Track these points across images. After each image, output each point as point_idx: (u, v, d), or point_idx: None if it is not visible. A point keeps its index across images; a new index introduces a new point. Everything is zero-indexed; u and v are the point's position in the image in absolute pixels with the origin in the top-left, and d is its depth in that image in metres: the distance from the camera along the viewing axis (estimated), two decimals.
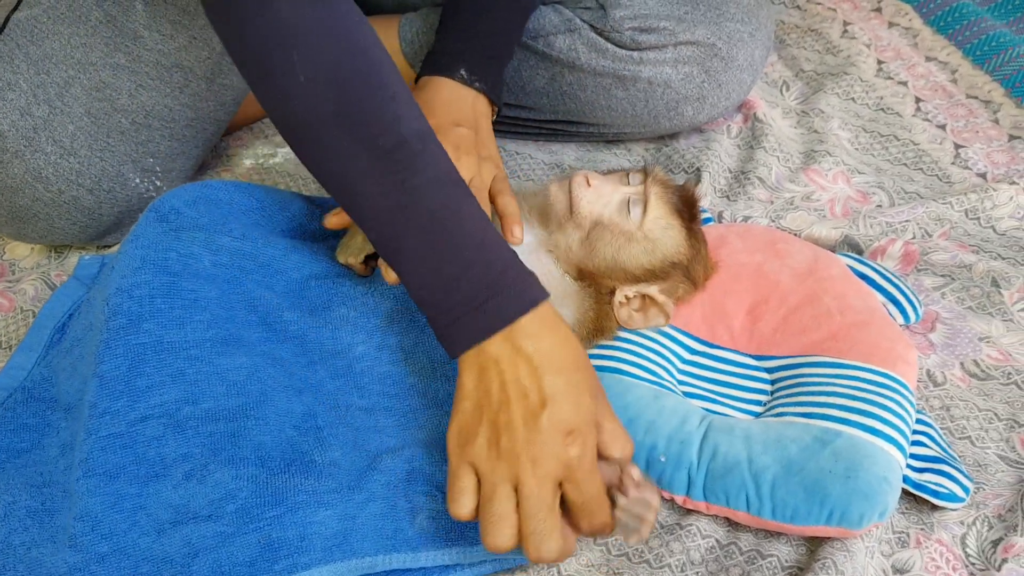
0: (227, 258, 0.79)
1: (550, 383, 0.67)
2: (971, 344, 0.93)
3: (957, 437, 0.86)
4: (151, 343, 0.74)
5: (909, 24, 1.33)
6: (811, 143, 1.15)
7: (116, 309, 0.75)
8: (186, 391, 0.73)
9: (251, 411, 0.74)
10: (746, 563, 0.77)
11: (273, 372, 0.77)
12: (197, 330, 0.75)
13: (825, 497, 0.75)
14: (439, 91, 0.93)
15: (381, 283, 0.83)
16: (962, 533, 0.78)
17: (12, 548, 0.72)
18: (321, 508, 0.72)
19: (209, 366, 0.74)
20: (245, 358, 0.76)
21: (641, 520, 0.70)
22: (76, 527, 0.70)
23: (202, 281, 0.78)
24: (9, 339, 0.96)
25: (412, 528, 0.74)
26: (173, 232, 0.79)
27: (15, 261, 1.03)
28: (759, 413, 0.84)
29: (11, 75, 0.89)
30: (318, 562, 0.69)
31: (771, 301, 0.89)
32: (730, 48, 1.05)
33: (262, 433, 0.73)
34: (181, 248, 0.78)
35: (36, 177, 0.91)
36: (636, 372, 0.84)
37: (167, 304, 0.75)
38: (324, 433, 0.76)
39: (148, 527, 0.70)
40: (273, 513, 0.71)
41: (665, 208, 0.87)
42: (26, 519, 0.73)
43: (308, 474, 0.73)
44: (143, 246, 0.78)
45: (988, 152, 1.14)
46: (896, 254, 1.00)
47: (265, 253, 0.82)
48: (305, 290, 0.82)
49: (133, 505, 0.70)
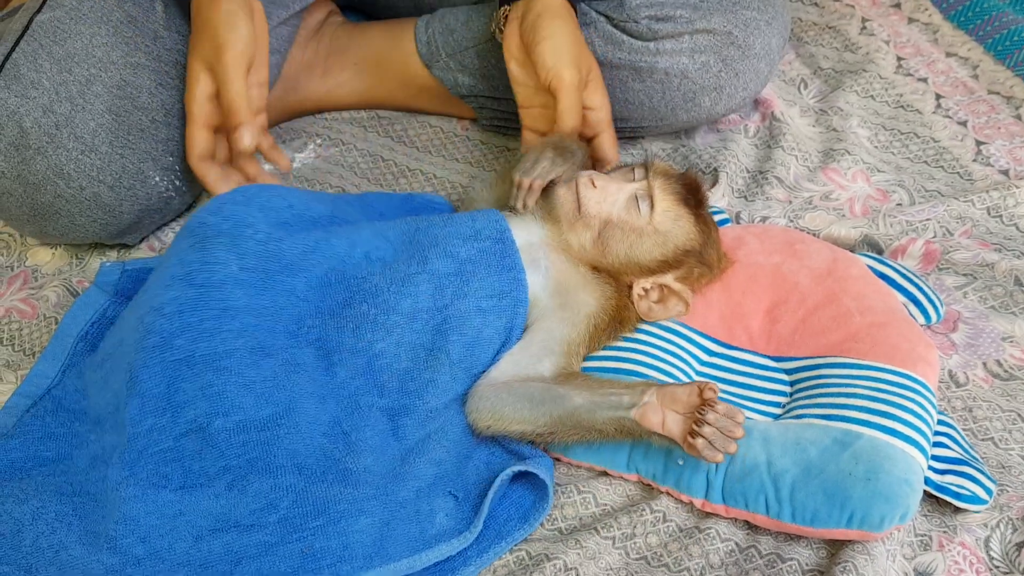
0: (253, 261, 0.80)
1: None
2: (994, 344, 0.92)
3: (980, 438, 0.85)
4: (184, 359, 0.75)
5: (929, 20, 1.31)
6: (830, 142, 1.14)
7: (149, 328, 0.77)
8: (216, 404, 0.74)
9: (281, 420, 0.75)
10: (766, 566, 0.77)
11: (298, 379, 0.78)
12: (227, 340, 0.76)
13: (846, 500, 0.74)
14: (576, 23, 0.98)
15: (401, 280, 0.84)
16: (985, 536, 0.77)
17: (41, 551, 0.73)
18: (362, 516, 0.74)
19: (238, 377, 0.75)
20: (272, 366, 0.77)
21: (731, 433, 0.72)
22: (115, 530, 0.72)
23: (230, 287, 0.79)
24: (32, 346, 0.97)
25: (433, 528, 0.77)
26: (199, 243, 0.81)
27: (37, 267, 1.05)
28: (778, 415, 0.83)
29: (34, 74, 0.91)
30: (359, 569, 0.72)
31: (790, 302, 0.89)
32: (747, 36, 1.05)
33: (294, 441, 0.75)
34: (207, 257, 0.80)
35: (58, 173, 0.92)
36: (654, 375, 0.84)
37: (196, 318, 0.77)
38: (352, 438, 0.78)
39: (186, 533, 0.72)
40: (316, 523, 0.73)
41: (671, 199, 0.88)
42: (55, 523, 0.75)
43: (346, 482, 0.75)
44: (172, 264, 0.80)
45: (1010, 148, 1.13)
46: (917, 253, 0.99)
47: (288, 253, 0.82)
48: (326, 288, 0.83)
49: (173, 512, 0.72)
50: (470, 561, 0.77)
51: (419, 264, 0.83)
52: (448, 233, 0.86)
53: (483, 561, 0.77)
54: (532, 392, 0.80)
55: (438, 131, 1.19)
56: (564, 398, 0.79)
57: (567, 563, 0.77)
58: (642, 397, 0.76)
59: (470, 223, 0.87)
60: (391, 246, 0.85)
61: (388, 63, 1.17)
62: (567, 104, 0.93)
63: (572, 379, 0.81)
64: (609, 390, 0.78)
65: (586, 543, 0.78)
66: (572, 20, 0.97)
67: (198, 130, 0.94)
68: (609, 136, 0.99)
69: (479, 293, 0.84)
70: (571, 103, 0.94)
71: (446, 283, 0.83)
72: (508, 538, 0.78)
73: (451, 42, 1.12)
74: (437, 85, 1.16)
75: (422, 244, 0.85)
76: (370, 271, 0.83)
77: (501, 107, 1.14)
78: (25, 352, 0.96)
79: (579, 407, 0.78)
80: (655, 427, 0.75)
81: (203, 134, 0.94)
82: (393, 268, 0.83)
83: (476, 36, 1.11)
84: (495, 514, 0.80)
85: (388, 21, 1.20)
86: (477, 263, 0.84)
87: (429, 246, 0.85)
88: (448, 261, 0.84)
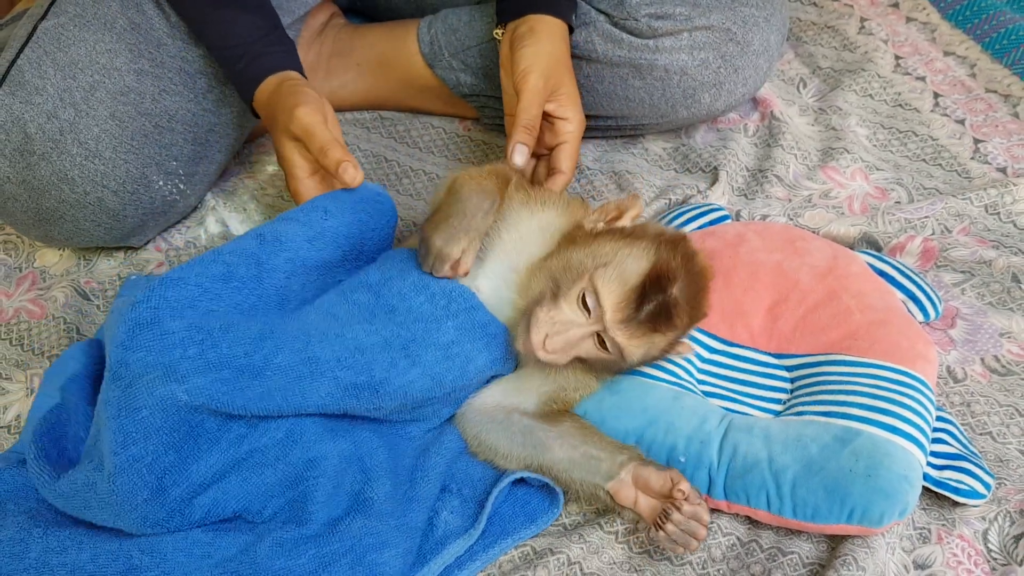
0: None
1: None
2: (992, 340, 0.93)
3: (978, 433, 0.86)
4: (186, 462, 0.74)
5: (927, 19, 1.32)
6: (829, 140, 1.16)
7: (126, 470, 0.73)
8: (245, 500, 0.76)
9: (306, 476, 0.76)
10: (767, 560, 0.78)
11: (311, 427, 0.78)
12: (218, 451, 0.75)
13: (846, 496, 0.75)
14: (567, 45, 1.00)
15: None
16: (984, 529, 0.79)
17: (50, 568, 0.73)
18: (386, 549, 0.74)
19: (249, 473, 0.76)
20: (279, 433, 0.77)
21: (693, 534, 0.73)
22: (139, 559, 0.73)
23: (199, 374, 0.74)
24: (41, 345, 0.98)
25: (439, 529, 0.79)
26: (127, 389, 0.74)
27: (45, 268, 1.06)
28: (779, 412, 0.85)
29: (39, 80, 0.92)
30: None
31: (791, 299, 0.90)
32: (745, 33, 1.06)
33: (323, 491, 0.76)
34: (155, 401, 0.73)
35: (62, 179, 0.93)
36: (655, 373, 0.85)
37: (189, 444, 0.74)
38: (367, 463, 0.79)
39: (209, 573, 0.73)
40: (346, 560, 0.73)
41: (634, 332, 0.76)
42: (67, 541, 0.75)
43: (369, 514, 0.76)
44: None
45: (1008, 147, 1.14)
46: (915, 251, 1.00)
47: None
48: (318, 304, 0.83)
49: (202, 552, 0.73)
50: (476, 556, 0.78)
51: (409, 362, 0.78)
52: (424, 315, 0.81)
53: (489, 557, 0.78)
54: (514, 431, 0.81)
55: (440, 132, 1.20)
56: (544, 448, 0.79)
57: (570, 557, 0.78)
58: (619, 470, 0.76)
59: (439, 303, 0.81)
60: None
61: (390, 64, 1.18)
62: (524, 103, 0.94)
63: (558, 421, 0.81)
64: (589, 449, 0.78)
65: (589, 537, 0.79)
66: (556, 39, 0.98)
67: (304, 185, 0.91)
68: (570, 148, 0.97)
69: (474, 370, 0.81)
70: (528, 103, 0.94)
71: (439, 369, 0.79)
72: (514, 535, 0.80)
73: (454, 41, 1.13)
74: (439, 85, 1.17)
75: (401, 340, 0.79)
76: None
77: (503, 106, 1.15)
78: (34, 352, 0.97)
79: (557, 462, 0.79)
80: (627, 503, 0.76)
81: (309, 184, 0.91)
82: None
83: (479, 35, 1.12)
84: (500, 511, 0.81)
85: (390, 23, 1.21)
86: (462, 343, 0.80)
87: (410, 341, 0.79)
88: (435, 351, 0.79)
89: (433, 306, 0.80)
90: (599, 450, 0.78)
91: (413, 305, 0.80)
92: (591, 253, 0.78)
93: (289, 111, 0.88)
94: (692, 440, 0.80)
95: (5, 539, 0.75)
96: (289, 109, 0.88)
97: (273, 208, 1.11)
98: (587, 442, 0.79)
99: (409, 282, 0.81)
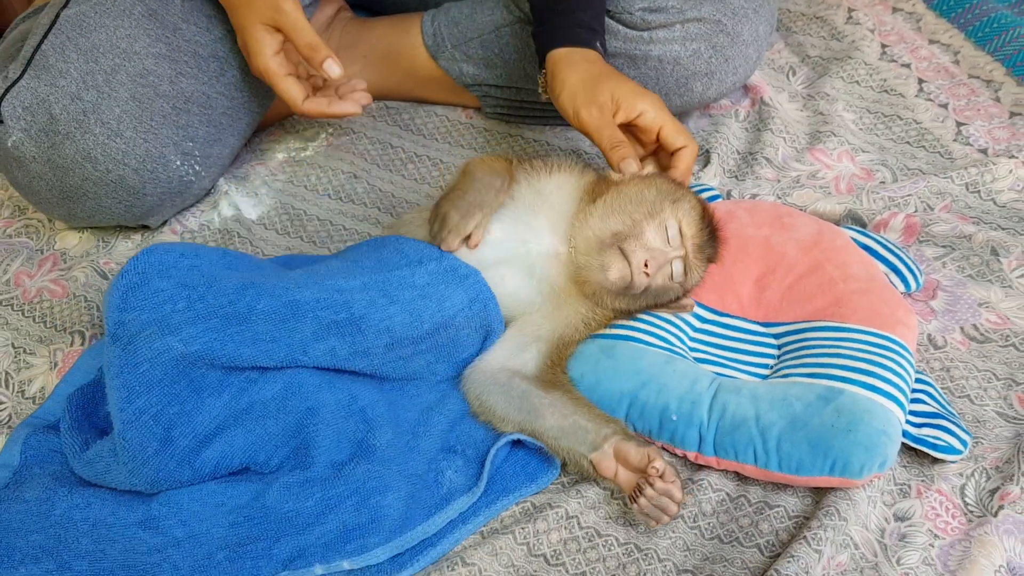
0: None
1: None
2: (971, 309, 0.97)
3: (957, 396, 0.90)
4: (206, 420, 0.79)
5: (912, 9, 1.37)
6: (816, 124, 1.20)
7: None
8: (251, 451, 0.80)
9: (307, 423, 0.81)
10: (755, 513, 0.82)
11: (308, 379, 0.82)
12: (220, 403, 0.79)
13: (828, 449, 0.79)
14: (588, 57, 1.00)
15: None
16: (961, 484, 0.83)
17: (74, 523, 0.79)
18: (388, 492, 0.79)
19: (252, 424, 0.80)
20: (277, 386, 0.81)
21: (664, 510, 0.78)
22: (158, 510, 0.78)
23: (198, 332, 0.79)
24: (64, 322, 1.03)
25: (443, 487, 0.84)
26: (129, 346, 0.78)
27: (65, 250, 1.11)
28: (766, 376, 0.89)
29: (62, 64, 0.97)
30: (384, 541, 0.78)
31: (778, 271, 0.94)
32: (735, 24, 1.10)
33: (325, 437, 0.81)
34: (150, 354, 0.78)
35: (86, 157, 0.98)
36: (649, 340, 0.90)
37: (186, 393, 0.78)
38: (368, 414, 0.84)
39: (223, 520, 0.78)
40: (351, 502, 0.79)
41: (700, 261, 0.90)
42: (91, 497, 0.80)
43: (372, 459, 0.81)
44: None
45: (989, 129, 1.18)
46: (898, 226, 1.04)
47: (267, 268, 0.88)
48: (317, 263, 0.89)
49: (215, 501, 0.78)
50: (479, 512, 0.83)
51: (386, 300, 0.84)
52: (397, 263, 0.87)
53: (491, 512, 0.83)
54: (512, 395, 0.85)
55: (444, 119, 1.25)
56: (537, 414, 0.84)
57: (568, 511, 0.82)
58: (603, 443, 0.81)
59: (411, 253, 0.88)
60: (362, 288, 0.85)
61: (396, 55, 1.23)
62: (597, 139, 0.96)
63: (553, 388, 0.86)
64: (578, 419, 0.83)
65: (587, 493, 0.83)
66: (578, 64, 0.98)
67: (290, 82, 1.00)
68: (668, 127, 0.97)
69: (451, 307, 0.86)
70: (600, 137, 0.96)
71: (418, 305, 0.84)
72: (515, 493, 0.84)
73: (456, 33, 1.18)
74: (443, 75, 1.21)
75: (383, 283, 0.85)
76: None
77: (504, 95, 1.20)
78: (56, 328, 1.02)
79: (548, 429, 0.83)
80: (608, 475, 0.81)
81: (294, 82, 1.01)
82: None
83: (480, 27, 1.17)
84: (502, 470, 0.85)
85: (395, 16, 1.26)
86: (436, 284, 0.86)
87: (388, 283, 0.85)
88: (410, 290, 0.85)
89: (406, 258, 0.86)
90: (587, 421, 0.83)
91: (387, 259, 0.86)
92: (654, 192, 0.88)
93: (274, 4, 0.97)
94: (684, 400, 0.84)
95: (32, 499, 0.80)
96: (272, 2, 0.97)
97: (283, 193, 1.16)
98: (577, 412, 0.83)
99: (386, 250, 0.87)
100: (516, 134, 1.23)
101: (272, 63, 1.00)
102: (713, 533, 0.81)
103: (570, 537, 0.81)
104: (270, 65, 1.00)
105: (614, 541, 0.81)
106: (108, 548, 0.77)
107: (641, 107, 0.96)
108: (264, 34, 0.99)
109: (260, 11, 0.98)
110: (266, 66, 1.00)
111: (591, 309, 0.90)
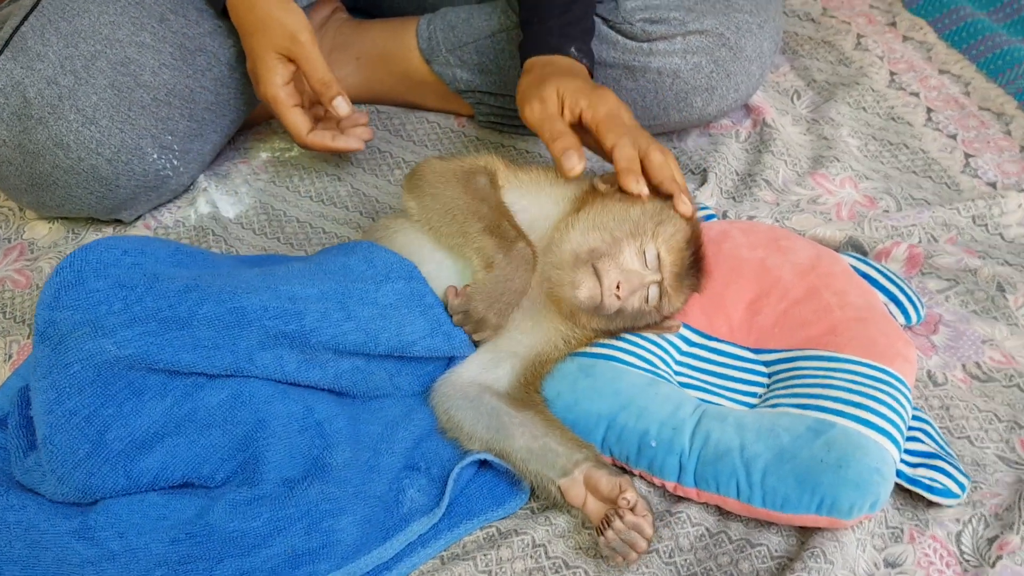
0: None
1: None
2: (974, 346, 0.92)
3: (956, 436, 0.85)
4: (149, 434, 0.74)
5: (924, 38, 1.33)
6: (820, 149, 1.16)
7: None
8: (195, 463, 0.75)
9: (256, 436, 0.75)
10: (735, 551, 0.77)
11: (259, 388, 0.77)
12: (162, 408, 0.74)
13: (816, 486, 0.74)
14: (558, 63, 0.97)
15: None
16: (957, 530, 0.77)
17: (7, 525, 0.73)
18: (343, 515, 0.74)
19: (196, 433, 0.75)
20: (224, 393, 0.76)
21: (632, 546, 0.72)
22: (94, 519, 0.72)
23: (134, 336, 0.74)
24: (24, 314, 0.98)
25: (404, 506, 0.78)
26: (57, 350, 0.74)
27: (34, 240, 1.06)
28: (755, 405, 0.84)
29: (41, 47, 0.93)
30: (334, 568, 0.73)
31: (772, 295, 0.90)
32: (738, 38, 1.07)
33: (275, 452, 0.75)
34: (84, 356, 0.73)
35: (58, 144, 0.94)
36: (631, 360, 0.85)
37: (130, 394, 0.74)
38: (325, 428, 0.78)
39: (163, 536, 0.72)
40: (301, 525, 0.73)
41: (680, 288, 0.85)
42: (25, 499, 0.74)
43: (327, 479, 0.75)
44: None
45: (999, 163, 1.14)
46: (901, 257, 1.00)
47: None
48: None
49: (157, 514, 0.73)
50: (440, 535, 0.77)
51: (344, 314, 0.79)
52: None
53: (453, 536, 0.78)
54: (481, 411, 0.80)
55: (435, 126, 1.21)
56: (506, 434, 0.79)
57: (535, 539, 0.77)
58: (573, 468, 0.76)
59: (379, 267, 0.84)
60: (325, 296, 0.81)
61: (389, 58, 1.20)
62: (540, 132, 0.92)
63: (525, 408, 0.81)
64: (549, 442, 0.78)
65: (556, 520, 0.78)
66: (534, 68, 0.96)
67: (296, 113, 1.01)
68: (604, 124, 0.89)
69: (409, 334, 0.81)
70: (542, 130, 0.91)
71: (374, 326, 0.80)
72: (480, 516, 0.79)
73: (451, 38, 1.15)
74: (436, 81, 1.18)
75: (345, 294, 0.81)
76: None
77: (497, 103, 1.16)
78: (15, 320, 0.98)
79: (516, 450, 0.78)
80: (576, 503, 0.76)
81: (300, 114, 1.01)
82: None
83: (476, 32, 1.14)
84: (467, 492, 0.80)
85: (390, 19, 1.23)
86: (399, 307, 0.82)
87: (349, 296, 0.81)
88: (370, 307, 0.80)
89: (373, 270, 0.81)
90: (559, 444, 0.78)
91: (353, 268, 0.81)
92: (639, 211, 0.83)
93: (291, 35, 0.97)
94: (664, 426, 0.79)
95: None
96: (290, 32, 0.97)
97: (264, 193, 1.12)
98: (549, 434, 0.79)
99: (354, 257, 0.83)
100: (509, 144, 1.19)
101: (281, 92, 0.99)
102: (690, 571, 0.75)
103: (536, 567, 0.76)
104: (279, 95, 0.99)
105: (583, 573, 0.75)
106: (42, 555, 0.72)
107: (584, 103, 0.90)
108: (277, 63, 0.98)
109: (275, 40, 0.97)
110: (275, 95, 0.99)
111: (571, 327, 0.85)
